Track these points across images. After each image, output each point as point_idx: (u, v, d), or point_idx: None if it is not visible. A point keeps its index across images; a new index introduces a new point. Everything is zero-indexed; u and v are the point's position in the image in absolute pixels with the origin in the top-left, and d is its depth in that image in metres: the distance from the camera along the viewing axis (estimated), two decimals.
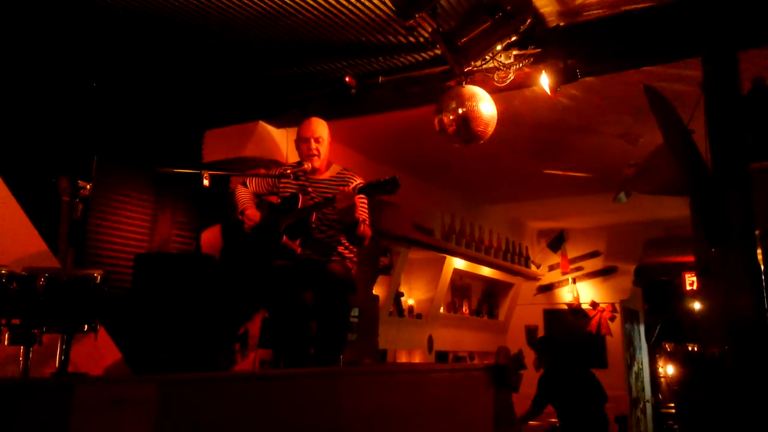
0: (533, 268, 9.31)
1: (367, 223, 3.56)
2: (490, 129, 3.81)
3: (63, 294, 2.34)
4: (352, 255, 3.66)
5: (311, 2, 3.54)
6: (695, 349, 9.83)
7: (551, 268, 9.54)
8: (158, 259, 3.64)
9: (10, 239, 3.14)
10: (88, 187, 3.38)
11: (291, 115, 4.79)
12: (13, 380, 2.28)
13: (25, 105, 4.01)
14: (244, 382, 2.48)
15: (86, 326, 2.39)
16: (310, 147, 3.65)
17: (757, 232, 3.27)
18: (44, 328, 2.32)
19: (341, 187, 3.43)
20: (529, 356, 5.68)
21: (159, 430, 1.95)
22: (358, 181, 3.57)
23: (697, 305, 9.91)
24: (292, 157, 4.64)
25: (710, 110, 3.45)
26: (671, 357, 10.81)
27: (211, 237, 4.12)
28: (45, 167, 3.65)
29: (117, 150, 4.48)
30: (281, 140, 5.18)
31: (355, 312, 5.37)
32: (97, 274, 2.44)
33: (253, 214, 3.65)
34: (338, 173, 3.72)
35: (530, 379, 5.35)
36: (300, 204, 3.53)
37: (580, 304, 9.29)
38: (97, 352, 3.14)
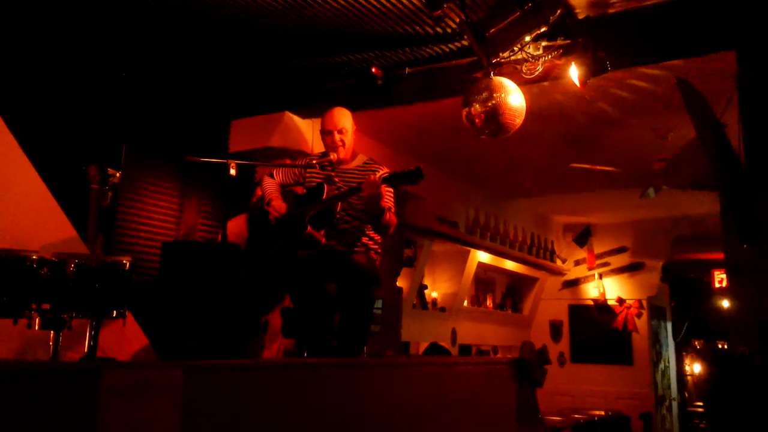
0: (558, 262, 9.23)
1: (392, 211, 3.55)
2: (519, 121, 3.78)
3: (92, 280, 2.36)
4: (376, 246, 3.66)
5: None
6: (724, 347, 9.68)
7: (577, 263, 9.44)
8: (185, 248, 3.67)
9: (41, 225, 3.19)
10: (118, 175, 3.41)
11: (317, 106, 4.80)
12: (43, 364, 2.32)
13: (56, 94, 4.07)
14: (268, 370, 2.50)
15: (115, 312, 2.41)
16: (333, 139, 3.65)
17: None
18: (74, 313, 2.35)
19: (367, 177, 3.43)
20: (554, 351, 5.63)
21: (185, 415, 1.98)
22: (383, 171, 3.57)
23: (725, 303, 9.74)
24: (318, 147, 4.64)
25: (744, 104, 3.39)
26: (699, 355, 10.66)
27: (236, 226, 4.15)
28: (75, 155, 3.70)
29: (145, 139, 4.54)
30: (307, 131, 5.19)
31: (378, 304, 5.36)
32: (126, 261, 2.46)
33: (279, 205, 3.66)
34: (364, 163, 3.71)
35: (554, 374, 5.32)
36: (325, 194, 3.53)
37: (606, 300, 9.19)
38: (125, 337, 3.18)
